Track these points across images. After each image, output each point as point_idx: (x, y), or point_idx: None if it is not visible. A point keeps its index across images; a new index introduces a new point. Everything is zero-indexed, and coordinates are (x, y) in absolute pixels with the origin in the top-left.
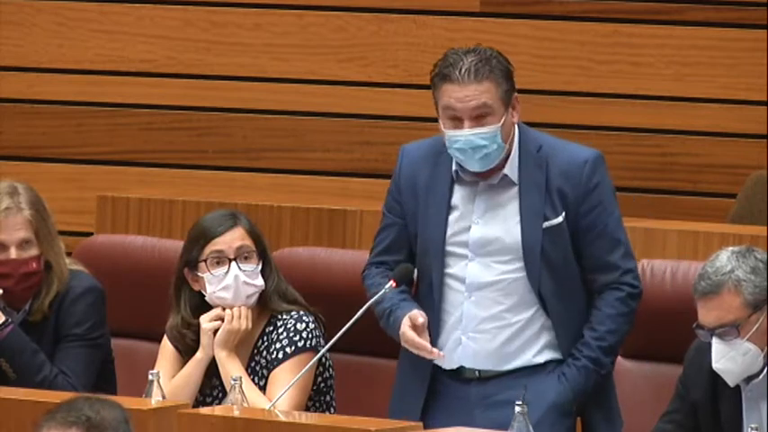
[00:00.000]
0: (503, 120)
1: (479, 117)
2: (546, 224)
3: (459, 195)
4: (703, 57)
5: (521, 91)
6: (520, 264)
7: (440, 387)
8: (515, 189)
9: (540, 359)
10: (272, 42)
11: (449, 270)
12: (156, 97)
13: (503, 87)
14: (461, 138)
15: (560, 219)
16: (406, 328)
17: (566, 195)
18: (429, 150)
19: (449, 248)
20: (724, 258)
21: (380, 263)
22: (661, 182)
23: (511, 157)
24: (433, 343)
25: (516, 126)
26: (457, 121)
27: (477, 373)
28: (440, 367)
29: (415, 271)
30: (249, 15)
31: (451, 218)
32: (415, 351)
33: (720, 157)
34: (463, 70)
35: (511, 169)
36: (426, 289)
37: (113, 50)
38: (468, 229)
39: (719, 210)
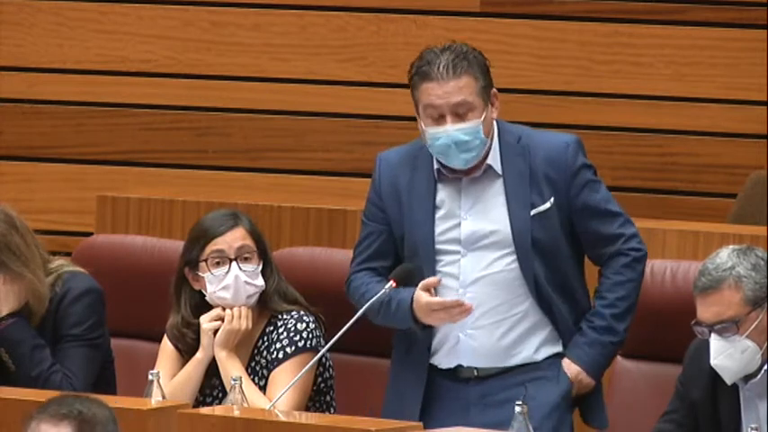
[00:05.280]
0: (483, 115)
1: (461, 113)
2: (534, 211)
3: (443, 193)
4: (703, 57)
5: (521, 91)
6: (512, 255)
7: (436, 388)
8: (500, 180)
9: (539, 356)
10: (272, 42)
11: (441, 268)
12: (156, 97)
13: (480, 83)
14: (444, 134)
15: (548, 204)
16: (423, 296)
17: (554, 180)
18: (407, 154)
19: (439, 246)
20: (725, 255)
21: (369, 269)
22: (661, 182)
23: (492, 149)
24: (430, 342)
25: (494, 121)
26: (439, 120)
27: (475, 371)
28: (435, 367)
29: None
30: (249, 15)
31: (438, 216)
32: (442, 316)
33: (720, 157)
34: (441, 67)
35: (494, 160)
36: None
37: (113, 50)
38: (458, 225)
39: (719, 210)
